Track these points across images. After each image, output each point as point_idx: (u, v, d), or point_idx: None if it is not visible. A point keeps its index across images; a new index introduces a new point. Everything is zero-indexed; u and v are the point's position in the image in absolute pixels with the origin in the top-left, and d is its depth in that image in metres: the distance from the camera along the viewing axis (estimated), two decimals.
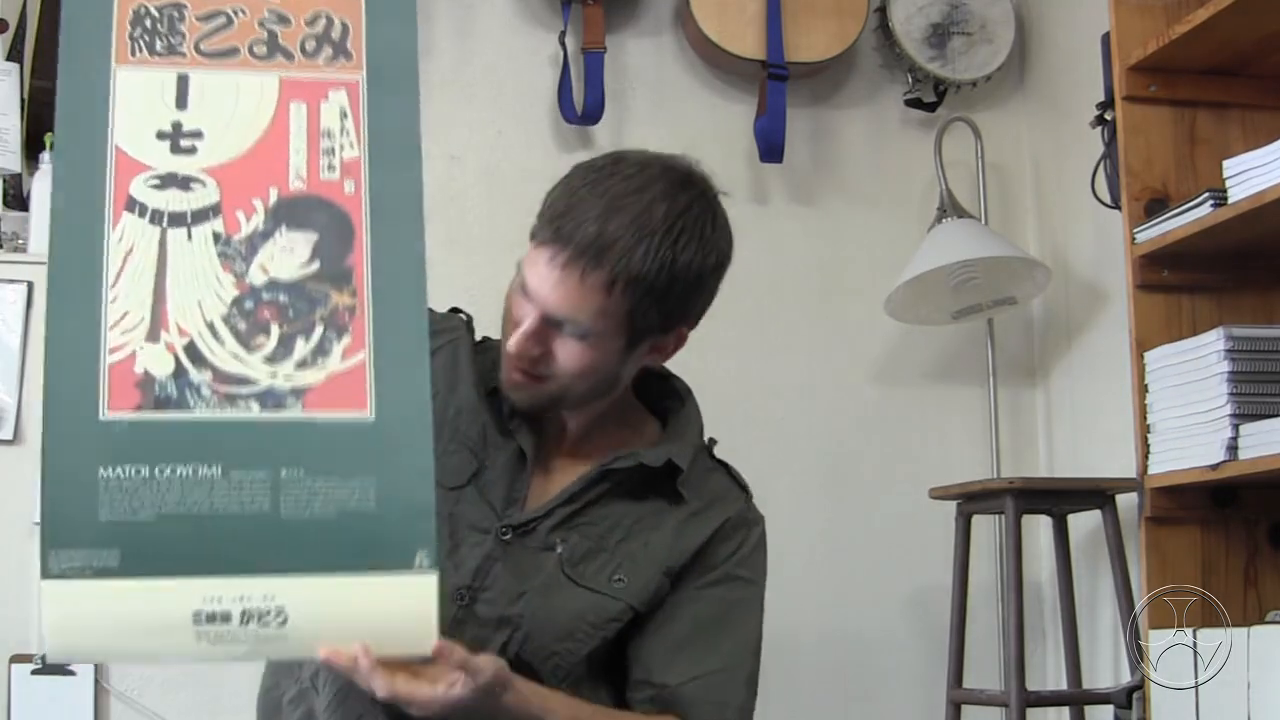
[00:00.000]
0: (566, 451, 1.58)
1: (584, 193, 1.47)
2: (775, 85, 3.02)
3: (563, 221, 1.45)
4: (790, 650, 3.03)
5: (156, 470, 1.28)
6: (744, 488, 1.64)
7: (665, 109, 3.10)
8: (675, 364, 1.70)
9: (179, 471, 1.28)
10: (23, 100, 2.55)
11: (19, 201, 2.53)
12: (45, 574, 1.24)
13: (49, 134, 2.51)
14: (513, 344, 1.47)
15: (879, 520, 3.10)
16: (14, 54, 2.60)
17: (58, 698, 2.21)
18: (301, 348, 1.32)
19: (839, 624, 3.07)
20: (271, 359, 1.32)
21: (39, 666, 2.22)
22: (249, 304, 1.33)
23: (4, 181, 2.53)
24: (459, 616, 1.45)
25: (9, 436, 2.29)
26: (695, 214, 1.46)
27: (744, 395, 3.04)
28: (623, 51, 3.12)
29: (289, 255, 1.35)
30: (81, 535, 1.26)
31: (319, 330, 1.33)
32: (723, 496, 1.60)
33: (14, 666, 2.22)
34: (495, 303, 1.64)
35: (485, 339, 1.67)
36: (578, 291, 1.43)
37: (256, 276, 1.34)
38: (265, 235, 1.35)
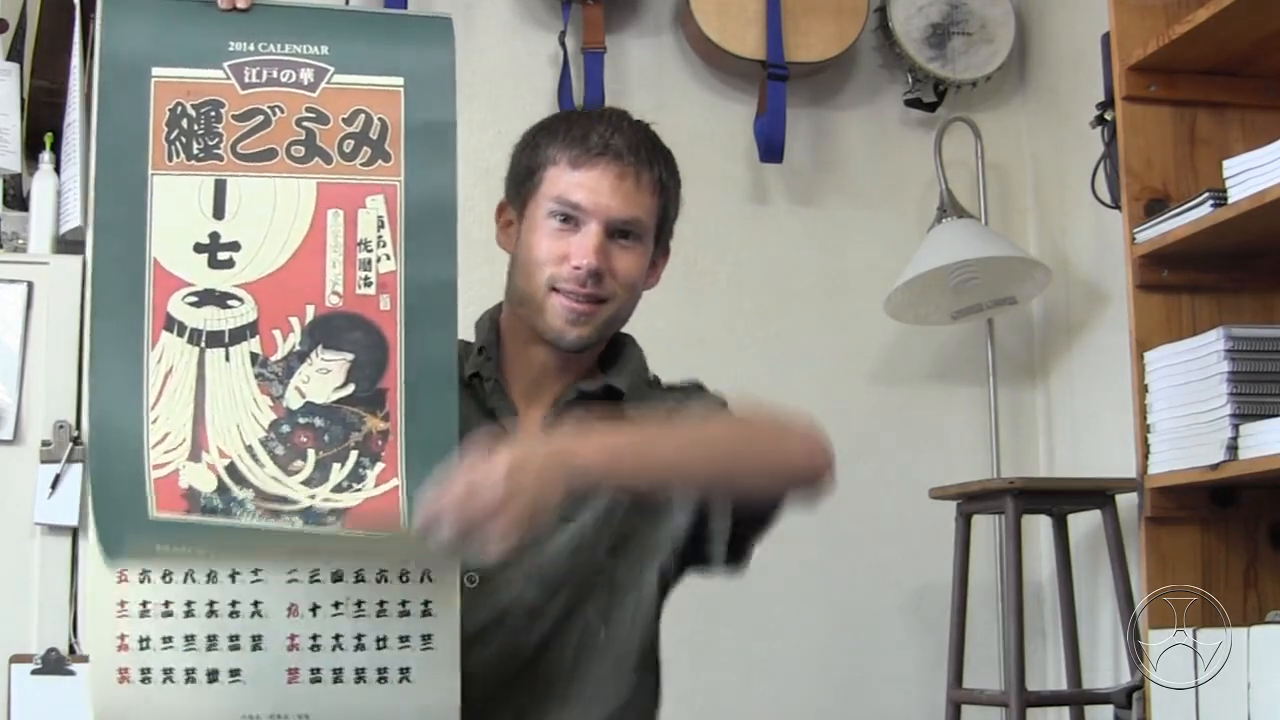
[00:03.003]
0: (545, 428, 1.58)
1: (579, 121, 1.57)
2: (775, 85, 3.02)
3: (589, 141, 1.53)
4: (790, 650, 3.03)
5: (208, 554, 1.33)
6: (698, 384, 1.66)
7: (665, 109, 3.10)
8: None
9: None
10: (23, 100, 2.54)
11: (19, 201, 2.52)
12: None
13: (49, 133, 2.51)
14: (591, 258, 1.51)
15: (879, 520, 3.10)
16: (14, 54, 2.59)
17: (58, 698, 2.21)
18: (337, 473, 1.35)
19: (839, 624, 3.06)
20: (309, 483, 1.34)
21: (39, 667, 2.22)
22: (285, 428, 1.35)
23: (4, 181, 2.52)
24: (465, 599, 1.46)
25: (9, 436, 2.28)
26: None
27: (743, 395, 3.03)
28: (623, 51, 3.12)
29: (324, 377, 1.36)
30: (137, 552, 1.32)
31: (353, 456, 1.35)
32: (680, 397, 1.63)
33: (14, 666, 2.21)
34: (493, 302, 1.64)
35: None
36: (635, 192, 1.53)
37: (293, 400, 1.35)
38: (301, 356, 1.36)
